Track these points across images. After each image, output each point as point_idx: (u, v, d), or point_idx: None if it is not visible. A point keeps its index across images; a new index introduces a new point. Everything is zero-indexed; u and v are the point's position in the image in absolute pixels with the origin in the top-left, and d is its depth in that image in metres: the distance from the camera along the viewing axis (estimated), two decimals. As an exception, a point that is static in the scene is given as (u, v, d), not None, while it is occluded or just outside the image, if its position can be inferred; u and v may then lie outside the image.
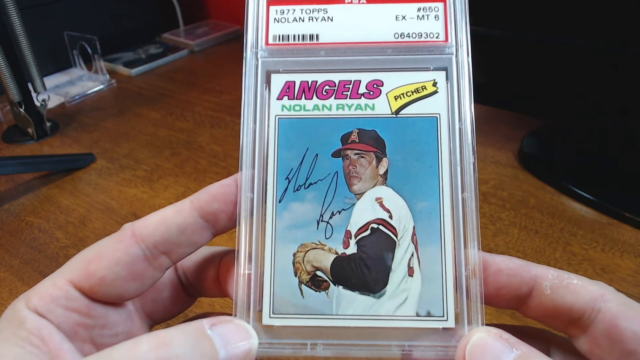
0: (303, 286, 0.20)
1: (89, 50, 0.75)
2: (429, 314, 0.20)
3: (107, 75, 0.77)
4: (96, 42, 0.73)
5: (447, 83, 0.22)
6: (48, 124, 0.63)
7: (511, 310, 0.29)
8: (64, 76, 0.79)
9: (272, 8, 0.23)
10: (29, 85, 0.61)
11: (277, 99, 0.22)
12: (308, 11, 0.23)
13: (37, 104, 0.62)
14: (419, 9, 0.22)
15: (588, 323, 0.18)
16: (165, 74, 0.81)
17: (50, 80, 0.76)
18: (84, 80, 0.78)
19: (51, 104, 0.69)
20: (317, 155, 0.21)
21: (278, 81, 0.22)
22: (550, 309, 0.19)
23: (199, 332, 0.18)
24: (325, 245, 0.21)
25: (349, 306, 0.20)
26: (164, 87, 0.76)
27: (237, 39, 0.93)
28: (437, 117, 0.21)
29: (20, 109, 0.60)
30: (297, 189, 0.21)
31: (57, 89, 0.74)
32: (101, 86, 0.76)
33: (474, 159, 0.21)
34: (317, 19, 0.23)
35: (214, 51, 0.89)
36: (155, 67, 0.82)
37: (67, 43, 0.77)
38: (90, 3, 0.83)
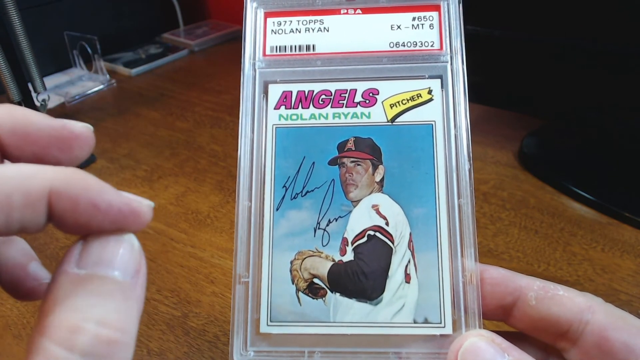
0: (300, 294, 0.20)
1: (89, 50, 0.75)
2: (426, 321, 0.20)
3: (107, 75, 0.77)
4: (96, 42, 0.73)
5: (442, 91, 0.22)
6: (48, 125, 0.63)
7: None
8: (64, 76, 0.79)
9: (270, 20, 0.23)
10: (29, 85, 0.61)
11: (275, 108, 0.22)
12: (304, 22, 0.23)
13: (37, 104, 0.62)
14: (413, 19, 0.22)
15: (577, 335, 0.18)
16: (165, 74, 0.81)
17: (50, 80, 0.76)
18: (84, 80, 0.78)
19: (51, 104, 0.69)
20: (313, 163, 0.21)
21: (275, 91, 0.22)
22: (537, 320, 0.19)
23: None
24: (322, 253, 0.21)
25: (346, 313, 0.20)
26: (163, 87, 0.76)
27: (237, 39, 0.93)
28: (432, 125, 0.22)
29: (21, 110, 0.60)
30: (294, 197, 0.21)
31: (57, 89, 0.74)
32: (101, 86, 0.76)
33: (470, 165, 0.21)
34: (313, 30, 0.23)
35: (214, 51, 0.89)
36: (155, 67, 0.82)
37: (67, 43, 0.77)
38: (90, 3, 0.83)
